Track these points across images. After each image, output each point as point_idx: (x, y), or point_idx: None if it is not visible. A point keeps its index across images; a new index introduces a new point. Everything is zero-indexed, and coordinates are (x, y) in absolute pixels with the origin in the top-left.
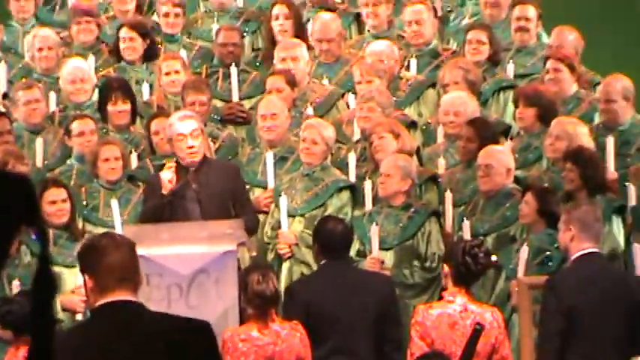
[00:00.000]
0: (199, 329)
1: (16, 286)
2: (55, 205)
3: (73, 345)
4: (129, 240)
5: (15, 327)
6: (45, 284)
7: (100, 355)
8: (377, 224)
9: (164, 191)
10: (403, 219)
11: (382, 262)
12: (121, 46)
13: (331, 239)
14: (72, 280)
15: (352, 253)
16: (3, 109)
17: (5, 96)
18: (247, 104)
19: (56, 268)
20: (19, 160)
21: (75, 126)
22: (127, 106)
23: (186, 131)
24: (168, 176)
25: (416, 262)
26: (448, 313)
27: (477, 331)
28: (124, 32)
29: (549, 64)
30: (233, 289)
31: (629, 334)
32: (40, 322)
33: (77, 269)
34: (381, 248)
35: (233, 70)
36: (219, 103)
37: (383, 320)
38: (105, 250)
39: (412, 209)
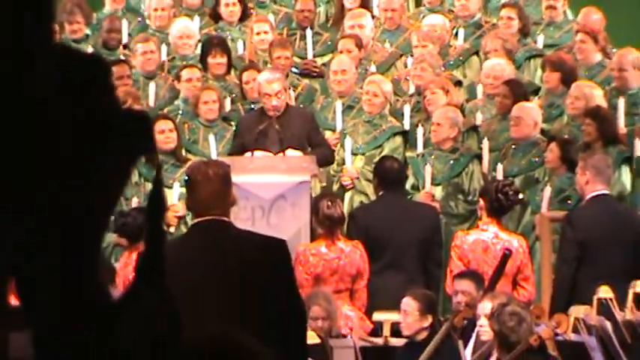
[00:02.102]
0: (277, 244)
1: (135, 203)
2: (163, 134)
3: (173, 255)
4: (223, 171)
5: (129, 236)
6: (157, 202)
7: (195, 263)
8: (430, 164)
9: None
10: (451, 160)
11: (433, 196)
12: (223, 9)
13: (388, 174)
14: (169, 199)
15: (407, 186)
16: (123, 58)
17: (126, 47)
18: (320, 61)
19: None
20: (135, 100)
21: (184, 73)
22: (224, 59)
23: (271, 92)
24: None
25: (460, 196)
26: (482, 239)
27: (506, 255)
28: None
29: (578, 36)
30: (306, 212)
31: (631, 262)
32: (152, 233)
33: (173, 190)
34: (433, 184)
35: (308, 32)
36: (296, 60)
37: (427, 243)
38: (197, 186)
39: (458, 152)
